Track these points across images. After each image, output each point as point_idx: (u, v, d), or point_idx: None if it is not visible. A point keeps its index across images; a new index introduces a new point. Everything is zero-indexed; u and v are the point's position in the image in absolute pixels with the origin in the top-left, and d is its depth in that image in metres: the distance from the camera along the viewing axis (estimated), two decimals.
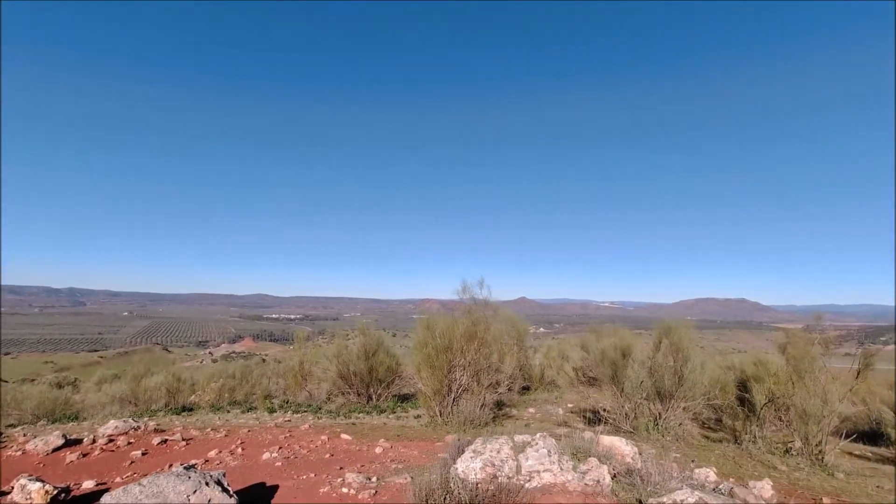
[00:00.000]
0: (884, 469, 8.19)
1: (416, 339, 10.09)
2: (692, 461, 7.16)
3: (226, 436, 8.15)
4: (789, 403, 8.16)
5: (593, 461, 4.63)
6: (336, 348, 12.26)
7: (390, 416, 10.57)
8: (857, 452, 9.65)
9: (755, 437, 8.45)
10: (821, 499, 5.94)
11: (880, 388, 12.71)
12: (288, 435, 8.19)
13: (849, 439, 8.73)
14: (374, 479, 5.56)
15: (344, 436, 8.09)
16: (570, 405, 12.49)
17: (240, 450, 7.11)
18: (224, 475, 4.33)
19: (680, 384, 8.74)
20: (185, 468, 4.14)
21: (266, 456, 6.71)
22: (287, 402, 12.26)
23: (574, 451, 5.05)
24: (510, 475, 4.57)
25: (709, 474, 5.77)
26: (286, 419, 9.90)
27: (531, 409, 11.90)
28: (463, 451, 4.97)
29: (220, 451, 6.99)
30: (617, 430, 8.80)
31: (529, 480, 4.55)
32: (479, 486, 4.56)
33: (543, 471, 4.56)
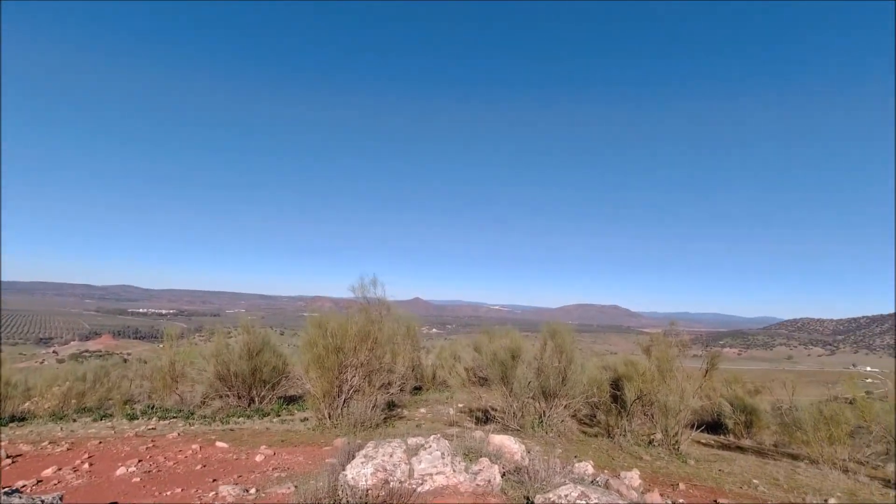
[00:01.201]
0: (723, 454, 9.44)
1: (306, 337, 9.55)
2: (574, 456, 7.62)
3: (68, 449, 6.96)
4: (654, 400, 9.08)
5: (485, 461, 4.66)
6: (215, 347, 11.16)
7: (274, 420, 9.87)
8: (703, 441, 11.03)
9: (625, 430, 9.27)
10: (678, 483, 6.64)
11: (720, 385, 14.75)
12: (151, 445, 7.23)
13: (698, 430, 9.95)
14: (252, 490, 5.09)
15: (220, 443, 7.34)
16: (460, 405, 12.69)
17: (87, 465, 6.08)
18: (61, 498, 3.62)
19: (563, 383, 9.29)
20: (6, 493, 3.38)
21: (122, 471, 5.81)
22: (152, 408, 10.90)
23: (466, 452, 5.04)
24: (402, 479, 4.42)
25: (587, 468, 6.14)
26: (150, 427, 8.77)
27: (423, 410, 11.89)
28: (353, 456, 4.72)
29: (60, 469, 5.92)
30: (506, 429, 9.09)
31: (422, 484, 4.44)
32: (369, 492, 4.35)
33: (436, 473, 4.47)
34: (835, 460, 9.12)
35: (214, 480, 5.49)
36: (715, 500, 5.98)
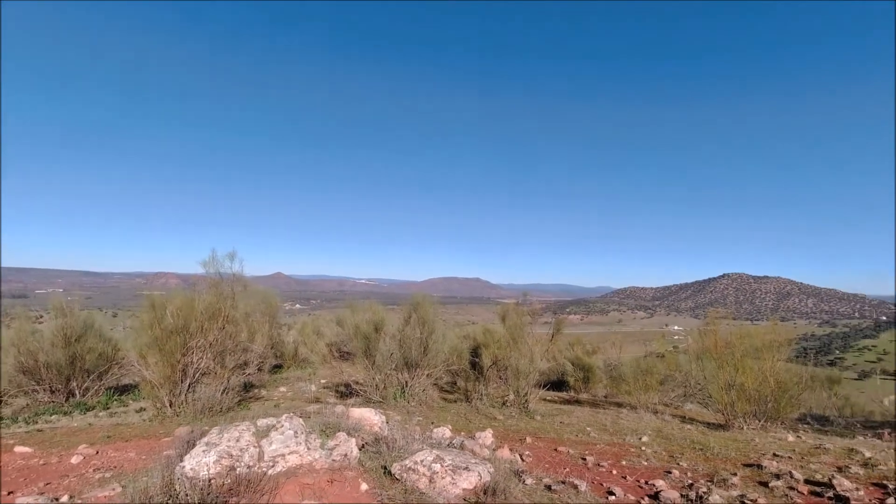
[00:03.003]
0: (565, 408, 10.62)
1: (143, 318, 8.37)
2: (431, 423, 7.90)
3: None
4: (507, 364, 9.82)
5: (342, 436, 4.55)
6: (15, 334, 9.22)
7: (101, 414, 8.56)
8: (549, 398, 12.29)
9: (482, 395, 9.90)
10: (525, 438, 7.28)
11: (564, 347, 16.55)
12: None
13: (545, 389, 11.06)
14: (65, 497, 4.34)
15: (20, 448, 6.11)
16: (323, 381, 12.38)
17: None
18: None
19: (425, 354, 9.55)
20: None
21: None
22: None
23: (324, 428, 4.88)
24: (251, 464, 4.12)
25: (445, 432, 6.41)
26: None
27: (283, 388, 11.35)
28: (194, 445, 4.26)
29: None
30: (368, 402, 9.08)
31: (273, 466, 4.19)
32: (212, 482, 3.97)
33: (289, 453, 4.25)
34: (648, 405, 10.85)
35: (11, 493, 4.55)
36: (555, 448, 6.67)
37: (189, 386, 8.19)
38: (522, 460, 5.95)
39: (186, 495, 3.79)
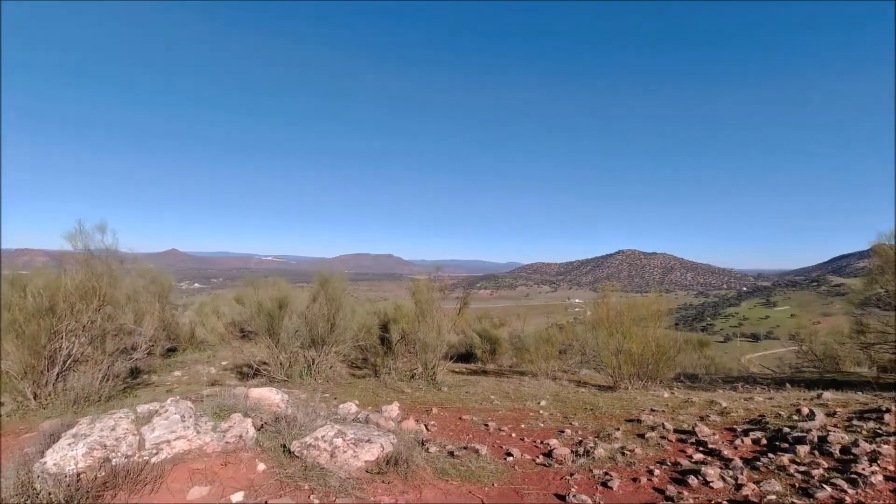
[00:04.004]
0: (471, 379, 11.00)
1: None
2: (334, 398, 7.79)
3: None
4: (416, 338, 9.91)
5: (236, 417, 4.31)
6: None
7: None
8: (457, 370, 12.65)
9: (391, 369, 9.93)
10: (431, 408, 7.44)
11: (474, 321, 17.07)
12: None
13: (453, 361, 11.35)
14: None
15: None
16: (224, 363, 11.67)
17: None
18: None
19: (332, 330, 9.33)
20: None
21: None
22: None
23: (217, 411, 4.59)
24: (130, 454, 3.76)
25: (351, 407, 6.34)
26: None
27: (177, 373, 10.52)
28: (58, 438, 3.80)
29: None
30: (272, 382, 8.72)
31: (157, 454, 3.86)
32: (82, 476, 3.57)
33: (176, 439, 3.94)
34: (548, 372, 11.59)
35: None
36: (460, 417, 6.89)
37: (58, 375, 7.26)
38: (428, 430, 6.07)
39: (49, 494, 3.38)
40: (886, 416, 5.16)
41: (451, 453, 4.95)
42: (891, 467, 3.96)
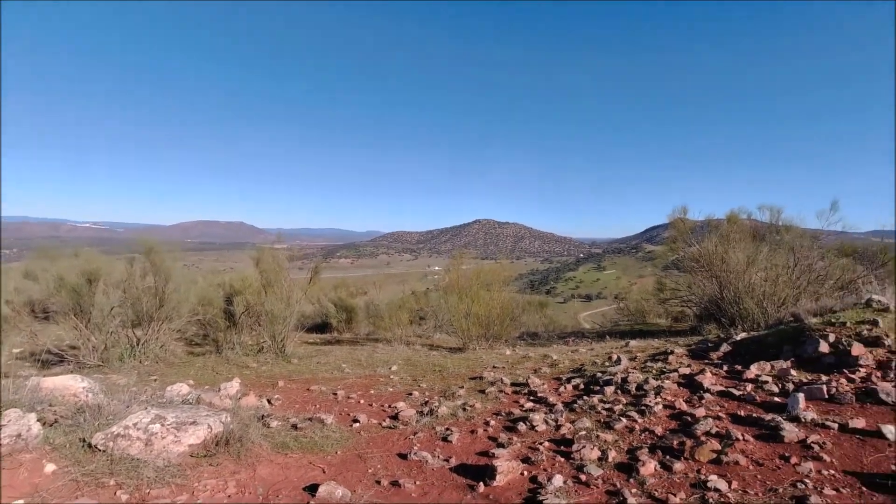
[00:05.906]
0: (324, 349, 10.73)
1: None
2: (153, 379, 6.97)
3: None
4: (262, 310, 9.28)
5: (12, 413, 3.55)
6: None
7: None
8: (311, 341, 12.25)
9: (234, 343, 9.19)
10: (278, 382, 7.08)
11: (330, 290, 16.62)
12: None
13: (307, 331, 10.94)
14: None
15: None
16: (17, 350, 9.65)
17: None
18: None
19: (161, 306, 8.26)
20: None
21: None
22: None
23: None
24: None
25: (182, 388, 5.70)
26: None
27: None
28: None
29: None
30: (81, 368, 7.46)
31: None
32: None
33: None
34: (403, 338, 11.84)
35: None
36: (308, 388, 6.68)
37: None
38: (271, 404, 5.76)
39: None
40: (670, 357, 6.27)
41: (295, 426, 4.76)
42: (669, 397, 4.83)
